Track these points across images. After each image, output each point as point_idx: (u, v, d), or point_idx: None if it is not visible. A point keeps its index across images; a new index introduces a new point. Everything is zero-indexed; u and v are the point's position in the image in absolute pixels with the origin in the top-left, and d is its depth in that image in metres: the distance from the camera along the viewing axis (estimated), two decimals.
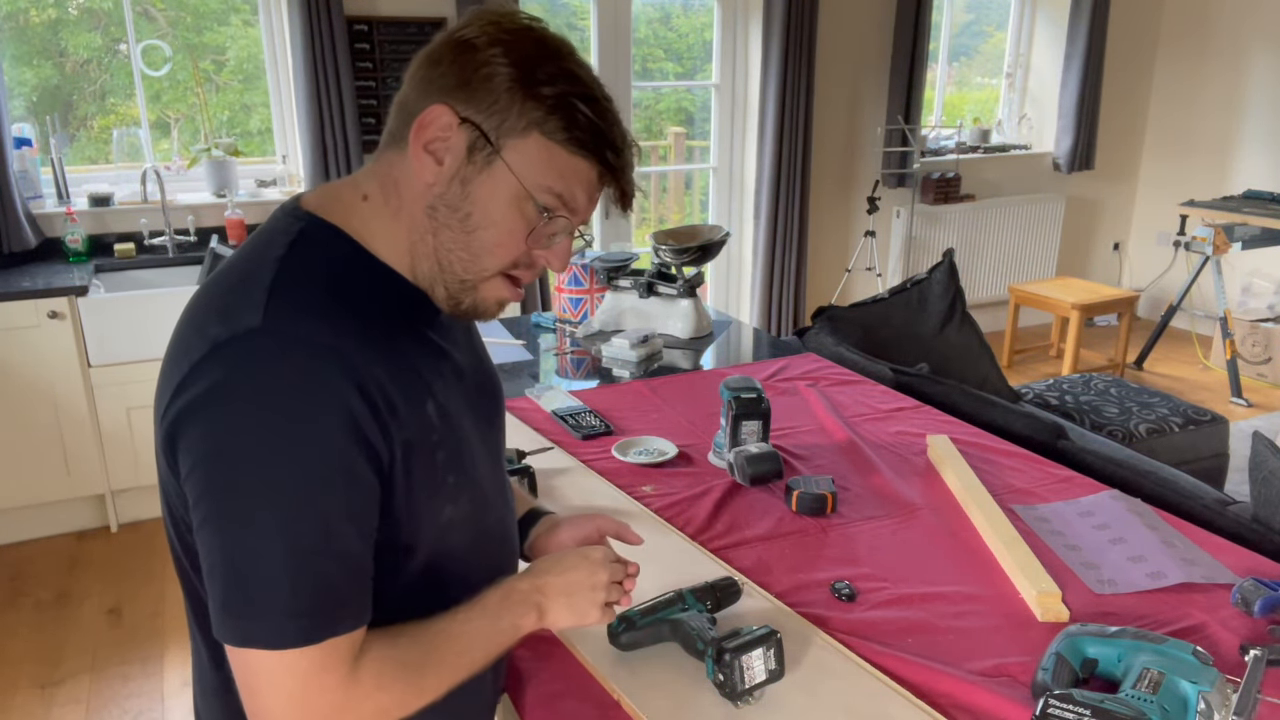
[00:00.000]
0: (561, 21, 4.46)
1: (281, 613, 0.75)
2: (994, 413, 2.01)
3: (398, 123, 0.85)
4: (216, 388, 0.75)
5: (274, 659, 0.75)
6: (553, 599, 0.95)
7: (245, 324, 0.76)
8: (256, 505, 0.74)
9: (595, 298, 2.61)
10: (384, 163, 0.86)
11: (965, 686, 1.10)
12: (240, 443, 0.74)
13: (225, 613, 0.76)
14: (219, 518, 0.75)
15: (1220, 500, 1.65)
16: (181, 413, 0.76)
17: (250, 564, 0.74)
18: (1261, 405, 4.55)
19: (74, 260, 3.42)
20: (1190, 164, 5.59)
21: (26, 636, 2.76)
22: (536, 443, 1.78)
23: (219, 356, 0.76)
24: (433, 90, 0.82)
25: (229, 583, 0.75)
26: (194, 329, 0.80)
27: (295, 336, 0.77)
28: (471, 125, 0.81)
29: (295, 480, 0.75)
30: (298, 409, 0.75)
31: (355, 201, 0.86)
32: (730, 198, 4.89)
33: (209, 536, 0.76)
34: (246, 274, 0.81)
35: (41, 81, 3.62)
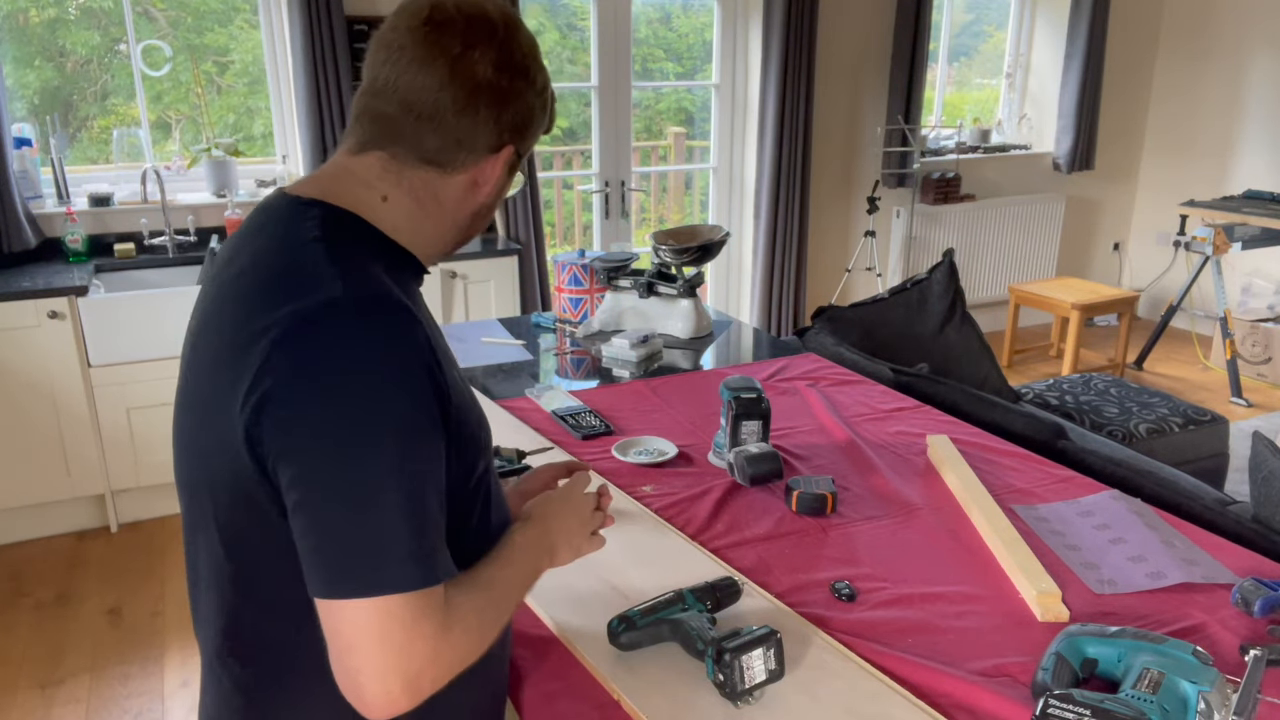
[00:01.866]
0: (561, 21, 4.46)
1: (401, 559, 0.78)
2: (994, 413, 2.01)
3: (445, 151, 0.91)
4: (315, 354, 0.78)
5: (381, 609, 0.77)
6: (558, 539, 1.03)
7: (326, 294, 0.80)
8: (370, 459, 0.77)
9: (595, 298, 2.61)
10: (416, 178, 0.92)
11: (965, 686, 1.10)
12: (347, 401, 0.77)
13: (342, 567, 0.77)
14: (333, 478, 0.77)
15: (1220, 500, 1.65)
16: (271, 390, 0.78)
17: (369, 517, 0.77)
18: (1261, 405, 4.55)
19: (74, 260, 3.42)
20: (1190, 164, 5.59)
21: (26, 636, 2.76)
22: (536, 443, 1.78)
23: (309, 328, 0.78)
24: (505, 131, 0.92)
25: (344, 535, 0.77)
26: (255, 313, 0.81)
27: (377, 299, 0.81)
28: (517, 154, 0.96)
29: (401, 432, 0.79)
30: (395, 366, 0.79)
31: (372, 199, 0.91)
32: (730, 198, 4.89)
33: (320, 496, 0.77)
34: (292, 257, 0.84)
35: (42, 82, 3.62)
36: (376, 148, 0.91)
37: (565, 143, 4.69)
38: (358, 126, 0.92)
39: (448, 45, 0.87)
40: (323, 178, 0.91)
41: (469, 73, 0.88)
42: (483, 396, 2.02)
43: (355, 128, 0.92)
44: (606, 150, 4.47)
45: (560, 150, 4.74)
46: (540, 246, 4.10)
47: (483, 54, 0.88)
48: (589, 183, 4.58)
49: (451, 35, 0.88)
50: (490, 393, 2.07)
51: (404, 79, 0.88)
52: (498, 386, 2.12)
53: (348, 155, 0.92)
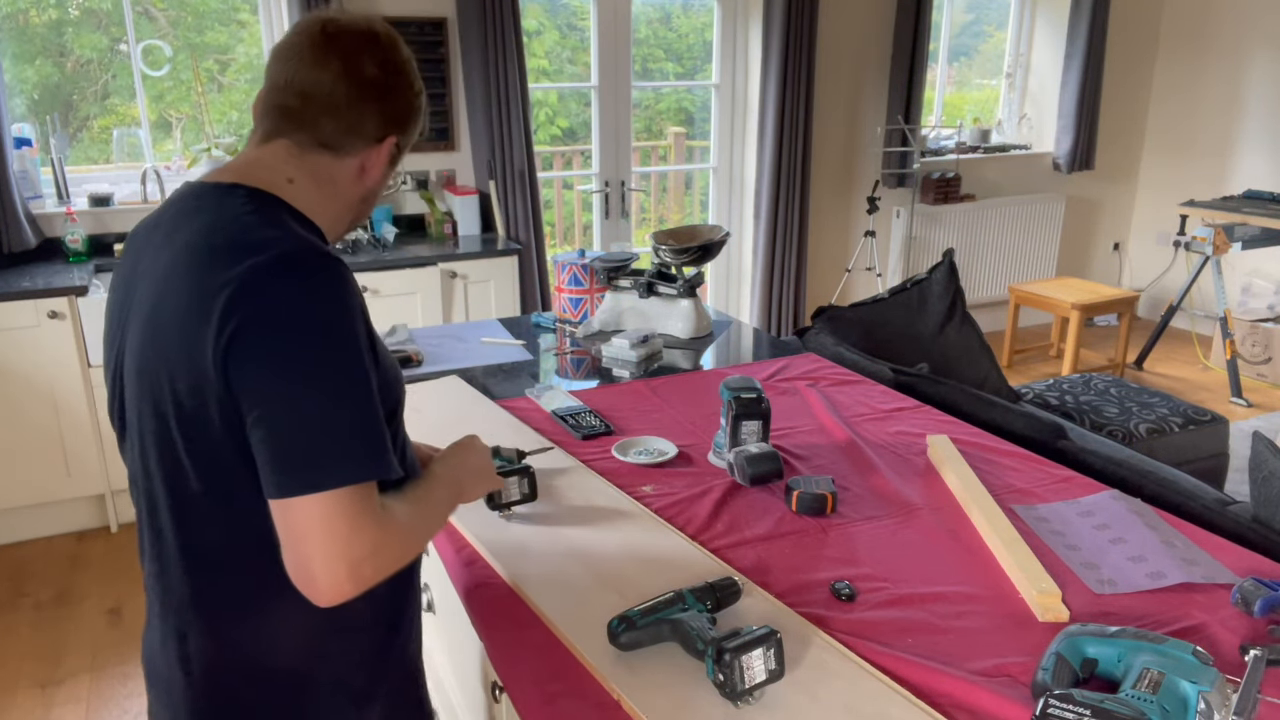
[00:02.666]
0: (561, 21, 4.46)
1: (346, 457, 0.91)
2: (994, 413, 2.02)
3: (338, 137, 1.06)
4: (278, 295, 0.91)
5: (330, 502, 0.90)
6: (468, 476, 1.20)
7: (279, 250, 0.94)
8: (325, 375, 0.91)
9: (595, 298, 2.61)
10: (314, 162, 1.06)
11: (965, 686, 1.10)
12: (307, 329, 0.91)
13: (296, 467, 0.90)
14: (295, 391, 0.90)
15: (1220, 500, 1.65)
16: (243, 324, 0.90)
17: (322, 422, 0.91)
18: (1261, 405, 4.55)
19: (74, 260, 3.42)
20: (1190, 164, 5.59)
21: (26, 636, 2.76)
22: (536, 443, 1.78)
23: (266, 275, 0.92)
24: (386, 123, 1.08)
25: (301, 441, 0.90)
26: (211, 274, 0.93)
27: (322, 253, 0.96)
28: (398, 146, 1.11)
29: (350, 355, 0.93)
30: (343, 303, 0.94)
31: (279, 181, 1.05)
32: (730, 198, 4.89)
33: (283, 410, 0.90)
34: (236, 229, 0.97)
35: (42, 81, 3.62)
36: (281, 136, 1.06)
37: (565, 143, 4.69)
38: (264, 120, 1.07)
39: (340, 48, 1.04)
40: (235, 167, 1.05)
41: (359, 70, 1.04)
42: (483, 396, 2.02)
43: (261, 122, 1.07)
44: (606, 150, 4.47)
45: (560, 150, 4.74)
46: (540, 246, 4.10)
47: (370, 56, 1.05)
48: (589, 183, 4.58)
49: (342, 41, 1.04)
50: (490, 393, 2.07)
51: (302, 75, 1.03)
52: (498, 386, 2.11)
53: (255, 147, 1.07)
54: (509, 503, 1.48)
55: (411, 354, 2.26)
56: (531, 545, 1.40)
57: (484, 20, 3.77)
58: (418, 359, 2.27)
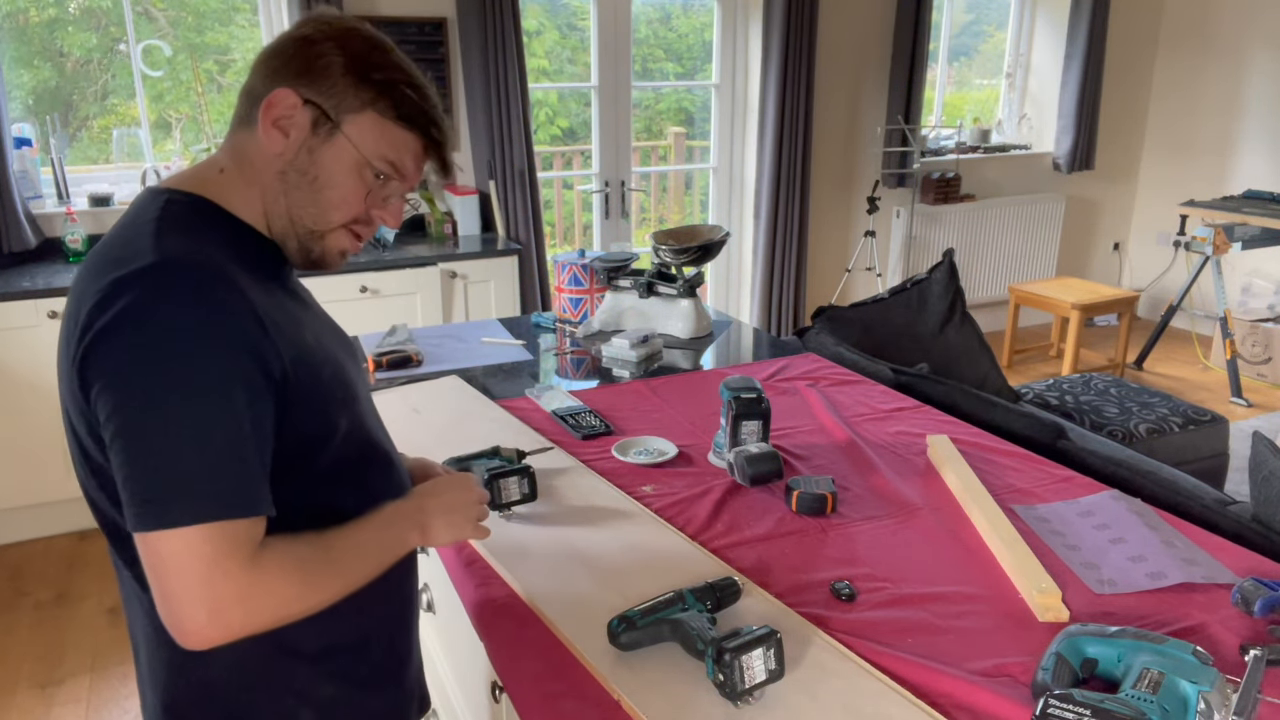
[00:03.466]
0: (561, 21, 4.46)
1: (194, 494, 0.84)
2: (994, 413, 2.02)
3: (246, 108, 1.00)
4: (125, 310, 0.84)
5: (183, 541, 0.83)
6: (434, 517, 1.08)
7: (141, 262, 0.87)
8: (170, 402, 0.84)
9: (595, 298, 2.61)
10: (236, 141, 1.01)
11: (965, 686, 1.10)
12: (152, 352, 0.84)
13: (142, 502, 0.84)
14: (137, 419, 0.84)
15: (1220, 500, 1.65)
16: (91, 342, 0.85)
17: (166, 453, 0.84)
18: (1261, 405, 4.55)
19: (74, 260, 3.42)
20: (1190, 164, 5.59)
21: (26, 636, 2.76)
22: (536, 443, 1.78)
23: (122, 288, 0.85)
24: (277, 78, 0.98)
25: (146, 472, 0.83)
26: (86, 287, 0.89)
27: (189, 263, 0.88)
28: (314, 105, 0.97)
29: (203, 380, 0.85)
30: (197, 320, 0.86)
31: (213, 175, 1.00)
32: (730, 198, 4.89)
33: (126, 437, 0.84)
34: (127, 238, 0.92)
35: (41, 81, 3.62)
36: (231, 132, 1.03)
37: (565, 143, 4.69)
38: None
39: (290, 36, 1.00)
40: (185, 171, 1.02)
41: (270, 45, 1.00)
42: (483, 396, 2.02)
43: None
44: (606, 150, 4.47)
45: (560, 150, 4.74)
46: (540, 246, 4.10)
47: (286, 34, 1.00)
48: (589, 183, 4.58)
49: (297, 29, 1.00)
50: (490, 393, 2.07)
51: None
52: (498, 386, 2.11)
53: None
54: (509, 503, 1.48)
55: (411, 354, 2.26)
56: (531, 545, 1.40)
57: (484, 20, 3.77)
58: (418, 359, 2.27)
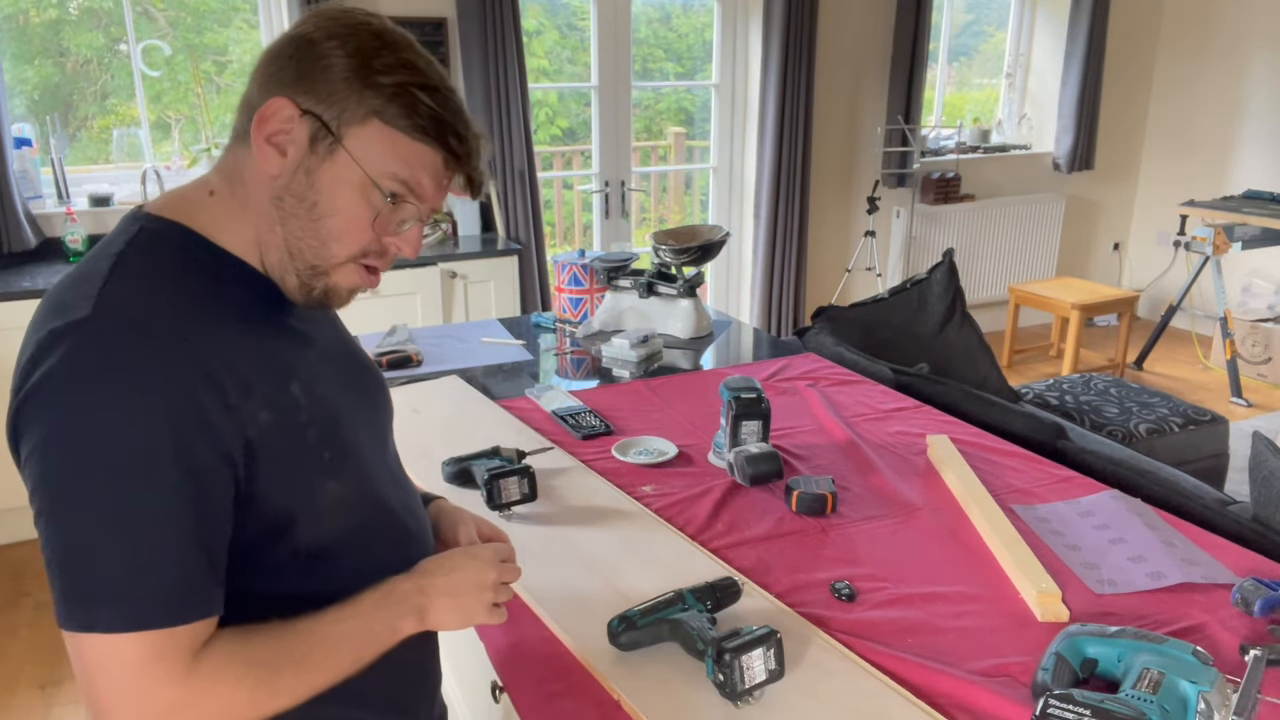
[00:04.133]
0: (561, 21, 4.46)
1: (122, 597, 0.74)
2: (994, 413, 2.01)
3: (242, 120, 0.86)
4: (48, 376, 0.75)
5: (107, 646, 0.74)
6: (436, 599, 0.92)
7: (77, 314, 0.76)
8: (89, 491, 0.74)
9: (595, 298, 2.61)
10: (230, 158, 0.88)
11: (965, 686, 1.10)
12: (71, 428, 0.74)
13: (63, 598, 0.75)
14: (54, 504, 0.75)
15: (1220, 500, 1.65)
16: (19, 405, 0.76)
17: (85, 549, 0.74)
18: (1261, 405, 4.55)
19: (74, 260, 3.42)
20: (1190, 164, 5.59)
21: (26, 636, 2.76)
22: (536, 443, 1.78)
23: (52, 347, 0.75)
24: (273, 85, 0.84)
25: (65, 568, 0.74)
26: (34, 329, 0.80)
27: (125, 324, 0.76)
28: (312, 116, 0.83)
29: (128, 465, 0.74)
30: (127, 393, 0.74)
31: (201, 198, 0.87)
32: (730, 198, 4.89)
33: (45, 524, 0.75)
34: (86, 273, 0.81)
35: (42, 81, 3.62)
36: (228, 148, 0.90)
37: (565, 143, 4.69)
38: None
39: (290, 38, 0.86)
40: (176, 189, 0.90)
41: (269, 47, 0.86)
42: (483, 396, 2.02)
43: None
44: (606, 150, 4.47)
45: (560, 150, 4.74)
46: (540, 246, 4.10)
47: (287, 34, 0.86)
48: (589, 183, 4.58)
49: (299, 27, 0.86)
50: (490, 393, 2.07)
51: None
52: (498, 386, 2.11)
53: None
54: (509, 503, 1.48)
55: (411, 354, 2.26)
56: (531, 545, 1.40)
57: (484, 20, 3.77)
58: (418, 359, 2.27)
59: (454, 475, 1.60)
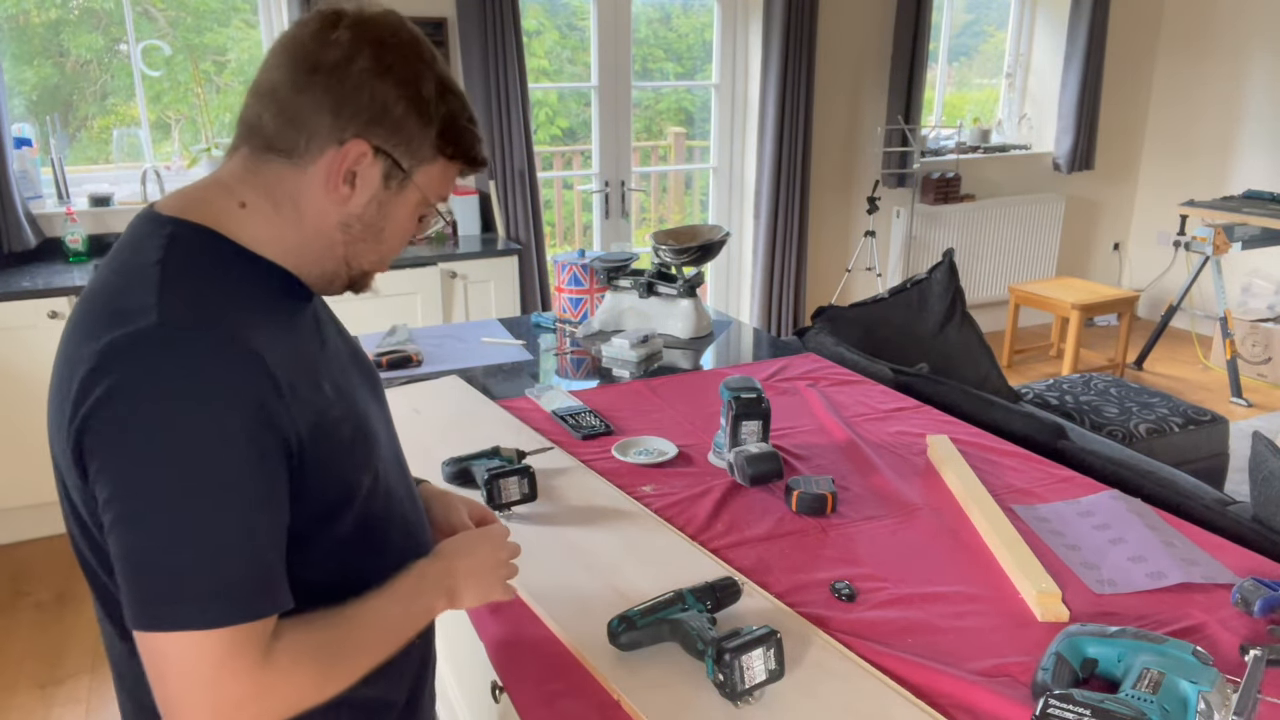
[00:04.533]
0: (561, 21, 4.46)
1: (201, 597, 0.76)
2: (994, 413, 2.01)
3: (284, 133, 0.86)
4: (119, 386, 0.76)
5: (187, 643, 0.76)
6: (462, 580, 1.00)
7: (140, 323, 0.77)
8: (170, 494, 0.75)
9: (595, 298, 2.61)
10: (270, 175, 0.88)
11: (965, 686, 1.10)
12: (148, 435, 0.75)
13: (141, 600, 0.76)
14: (135, 508, 0.76)
15: (1220, 500, 1.65)
16: (86, 418, 0.77)
17: (166, 550, 0.75)
18: (1261, 405, 4.55)
19: (74, 260, 3.42)
20: (1190, 164, 5.59)
21: (26, 636, 2.76)
22: (536, 443, 1.78)
23: (117, 358, 0.76)
24: (348, 119, 0.86)
25: (145, 570, 0.76)
26: (81, 344, 0.80)
27: (193, 328, 0.78)
28: (385, 155, 0.88)
29: (206, 468, 0.76)
30: (203, 397, 0.76)
31: (230, 207, 0.88)
32: (730, 198, 4.89)
33: (124, 529, 0.76)
34: (126, 283, 0.82)
35: (42, 81, 3.62)
36: (239, 145, 0.90)
37: (565, 143, 4.69)
38: (234, 132, 0.91)
39: (302, 30, 0.87)
40: (189, 191, 0.90)
41: (312, 52, 0.86)
42: (483, 396, 2.02)
43: (234, 134, 0.92)
44: (606, 150, 4.47)
45: (560, 150, 4.74)
46: (540, 246, 4.10)
47: (332, 36, 0.86)
48: (589, 183, 4.58)
49: (310, 23, 0.87)
50: (490, 393, 2.07)
51: (263, 72, 0.88)
52: (498, 386, 2.12)
53: (224, 161, 0.92)
54: (509, 503, 1.48)
55: (411, 354, 2.26)
56: (531, 545, 1.40)
57: (484, 20, 3.77)
58: (418, 359, 2.27)
59: (454, 475, 1.60)
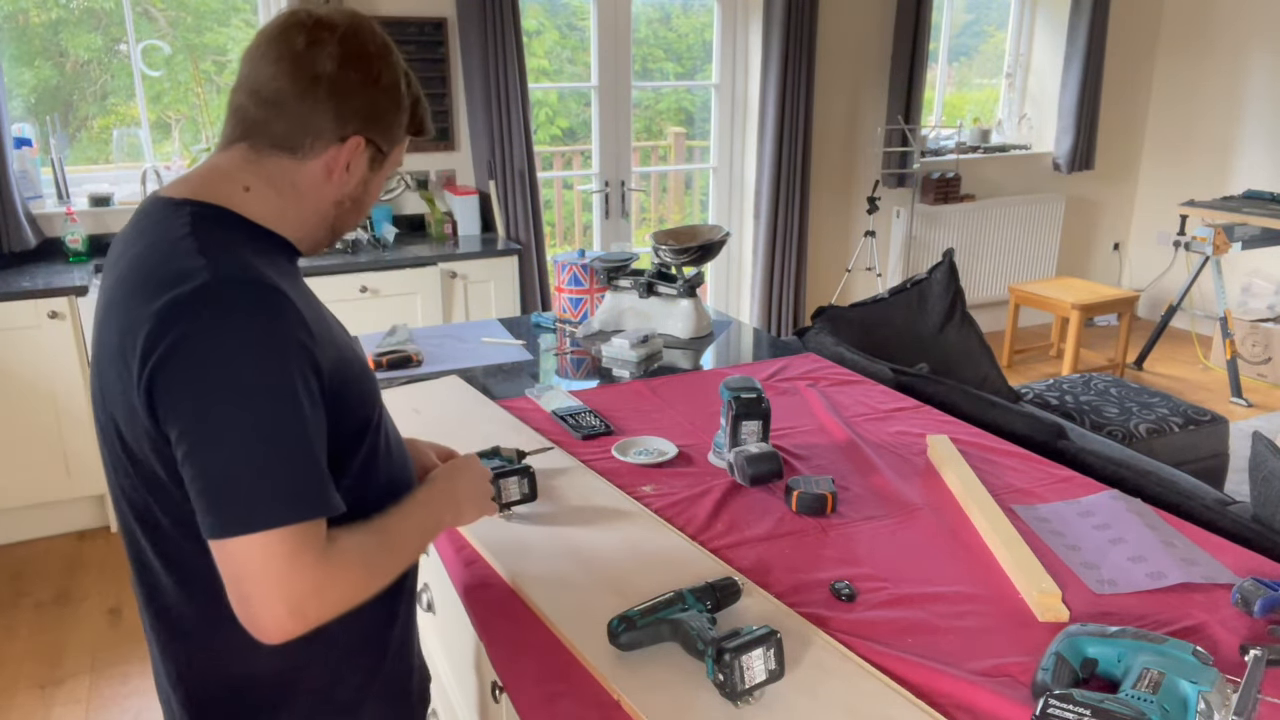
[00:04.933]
0: (561, 21, 4.46)
1: (274, 497, 0.89)
2: (994, 413, 2.01)
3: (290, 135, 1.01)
4: (188, 334, 0.88)
5: (262, 542, 0.88)
6: (461, 500, 1.18)
7: (196, 281, 0.90)
8: (245, 415, 0.88)
9: (595, 298, 2.61)
10: (272, 166, 1.03)
11: (965, 686, 1.10)
12: (218, 372, 0.88)
13: (223, 510, 0.88)
14: (212, 434, 0.88)
15: (1220, 500, 1.65)
16: (157, 366, 0.89)
17: (245, 463, 0.88)
18: (1261, 405, 4.55)
19: (74, 260, 3.42)
20: (1190, 164, 5.59)
21: (26, 636, 2.76)
22: (536, 443, 1.78)
23: (181, 312, 0.89)
24: (349, 120, 1.02)
25: (225, 482, 0.88)
26: (136, 309, 0.92)
27: (241, 282, 0.92)
28: (373, 145, 1.05)
29: (273, 392, 0.90)
30: (258, 337, 0.90)
31: (235, 190, 1.02)
32: (730, 198, 4.89)
33: (203, 453, 0.88)
34: (165, 254, 0.94)
35: (42, 81, 3.62)
36: (238, 140, 1.03)
37: (565, 143, 4.69)
38: (226, 125, 1.04)
39: (293, 42, 1.00)
40: (193, 178, 1.02)
41: (307, 63, 0.99)
42: (483, 396, 2.02)
43: (224, 126, 1.05)
44: (606, 150, 4.47)
45: (560, 150, 4.74)
46: (540, 246, 4.10)
47: (321, 47, 1.00)
48: (589, 183, 4.58)
49: (298, 34, 1.00)
50: (490, 393, 2.07)
51: (254, 72, 1.00)
52: (498, 386, 2.11)
53: (218, 153, 1.05)
54: (509, 503, 1.48)
55: (411, 354, 2.26)
56: (531, 545, 1.40)
57: (484, 20, 3.77)
58: (418, 359, 2.27)
59: None
